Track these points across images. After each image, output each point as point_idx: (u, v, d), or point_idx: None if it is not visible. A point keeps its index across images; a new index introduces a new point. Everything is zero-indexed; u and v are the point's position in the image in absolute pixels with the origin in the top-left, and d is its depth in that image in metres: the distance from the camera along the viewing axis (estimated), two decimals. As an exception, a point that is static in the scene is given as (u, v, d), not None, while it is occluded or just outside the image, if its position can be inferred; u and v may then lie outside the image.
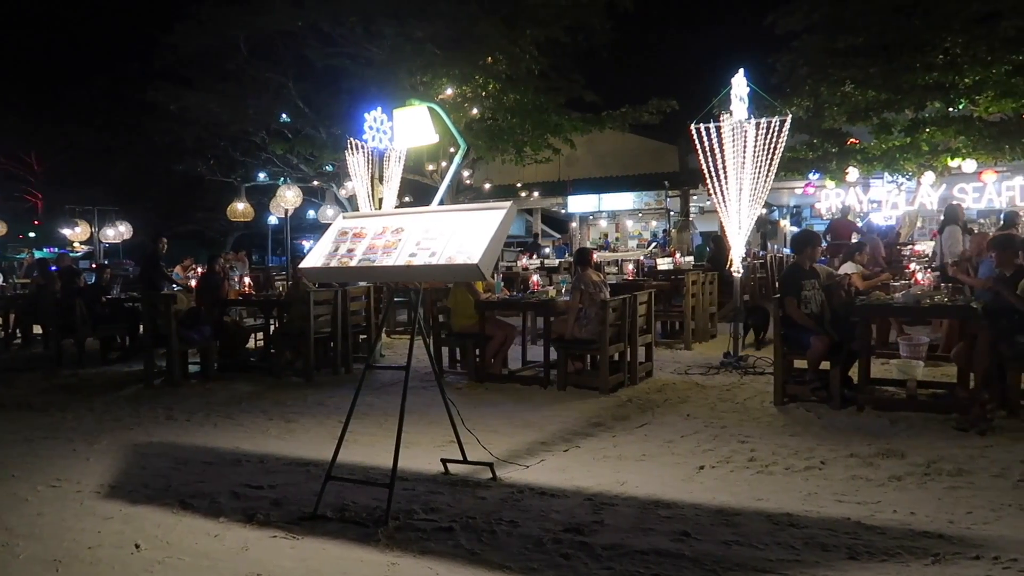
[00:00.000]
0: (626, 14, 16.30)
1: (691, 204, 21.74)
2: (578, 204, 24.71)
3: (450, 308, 8.15)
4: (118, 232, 17.72)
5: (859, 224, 14.66)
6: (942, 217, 11.28)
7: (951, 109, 14.72)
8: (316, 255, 4.31)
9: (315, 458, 5.05)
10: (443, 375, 8.08)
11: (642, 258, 14.60)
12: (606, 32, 17.27)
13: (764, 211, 22.64)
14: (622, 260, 13.11)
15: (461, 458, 4.64)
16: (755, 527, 3.67)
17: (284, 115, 17.19)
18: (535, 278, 8.58)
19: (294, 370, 8.49)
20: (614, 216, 26.38)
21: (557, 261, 16.39)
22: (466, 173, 20.09)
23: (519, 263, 15.24)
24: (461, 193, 20.09)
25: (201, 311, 8.81)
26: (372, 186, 10.53)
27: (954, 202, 12.87)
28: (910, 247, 13.20)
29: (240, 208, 15.43)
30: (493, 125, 17.59)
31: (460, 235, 3.91)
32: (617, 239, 25.96)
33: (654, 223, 26.45)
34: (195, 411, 6.82)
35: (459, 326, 8.07)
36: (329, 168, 18.08)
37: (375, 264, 4.07)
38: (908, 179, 16.29)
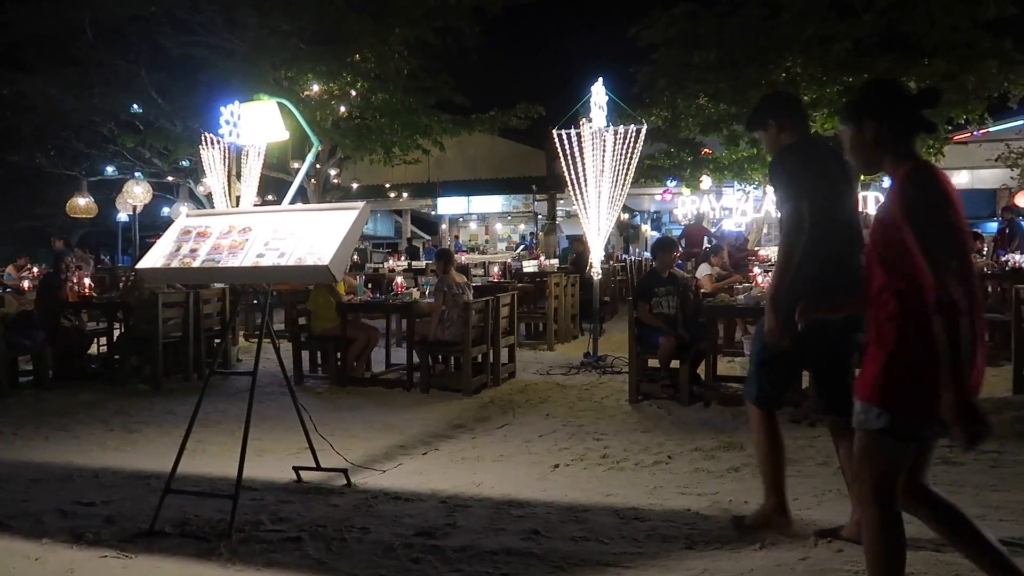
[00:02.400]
0: (495, 18, 16.49)
1: (558, 208, 22.26)
2: (448, 206, 24.75)
3: (310, 310, 7.94)
4: (-61, 228, 16.05)
5: (712, 230, 15.52)
6: None
7: (792, 124, 15.83)
8: (155, 255, 4.06)
9: (157, 470, 4.75)
10: (303, 379, 7.86)
11: (509, 260, 14.79)
12: (475, 35, 17.38)
13: (626, 216, 23.54)
14: (488, 262, 13.22)
15: (314, 465, 4.51)
16: (603, 522, 3.79)
17: (135, 105, 16.15)
18: (399, 280, 8.50)
19: (141, 377, 7.99)
20: (484, 219, 26.61)
21: (424, 263, 16.31)
22: (333, 172, 19.66)
23: (386, 265, 15.03)
24: (328, 192, 19.63)
25: (35, 314, 8.12)
26: (229, 183, 10.09)
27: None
28: (756, 252, 14.09)
29: (82, 203, 14.37)
30: (361, 124, 17.31)
31: (311, 236, 3.81)
32: (487, 241, 26.19)
33: (522, 226, 26.89)
34: (24, 423, 6.27)
35: (320, 329, 7.87)
36: (186, 163, 17.16)
37: (220, 265, 3.89)
38: (755, 188, 17.40)
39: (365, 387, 7.57)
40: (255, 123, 4.27)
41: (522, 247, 22.07)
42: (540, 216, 23.29)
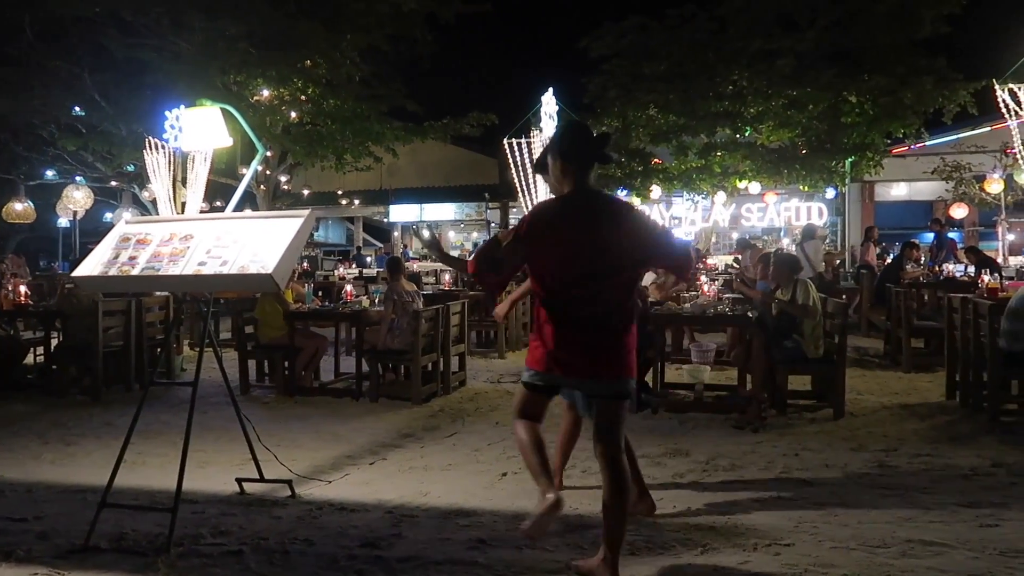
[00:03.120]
0: (448, 27, 16.49)
1: (511, 216, 22.32)
2: (400, 213, 24.60)
3: (257, 319, 7.81)
4: None
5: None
6: (799, 235, 13.32)
7: (738, 136, 16.23)
8: (92, 263, 3.96)
9: (94, 484, 4.61)
10: (249, 389, 7.73)
11: (462, 268, 14.77)
12: (428, 43, 17.36)
13: (579, 224, 23.68)
14: (440, 270, 13.19)
15: (258, 477, 4.44)
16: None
17: (77, 108, 15.70)
18: (348, 288, 8.43)
19: (80, 388, 7.74)
20: (437, 226, 26.52)
21: (376, 271, 16.20)
22: (283, 179, 19.42)
23: (336, 272, 14.89)
24: (278, 199, 19.38)
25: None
26: (174, 189, 9.88)
27: (809, 221, 16.07)
28: (704, 260, 14.36)
29: (18, 208, 13.90)
30: (312, 130, 17.15)
31: (254, 243, 3.75)
32: (440, 249, 26.06)
33: (475, 234, 26.89)
34: (-48, 437, 6.03)
35: (267, 338, 7.75)
36: (131, 168, 16.75)
37: (160, 273, 3.81)
38: (703, 198, 17.73)
39: (313, 397, 7.47)
40: (197, 129, 4.20)
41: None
42: (493, 224, 23.32)
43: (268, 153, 18.01)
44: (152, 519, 3.90)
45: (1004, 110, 8.27)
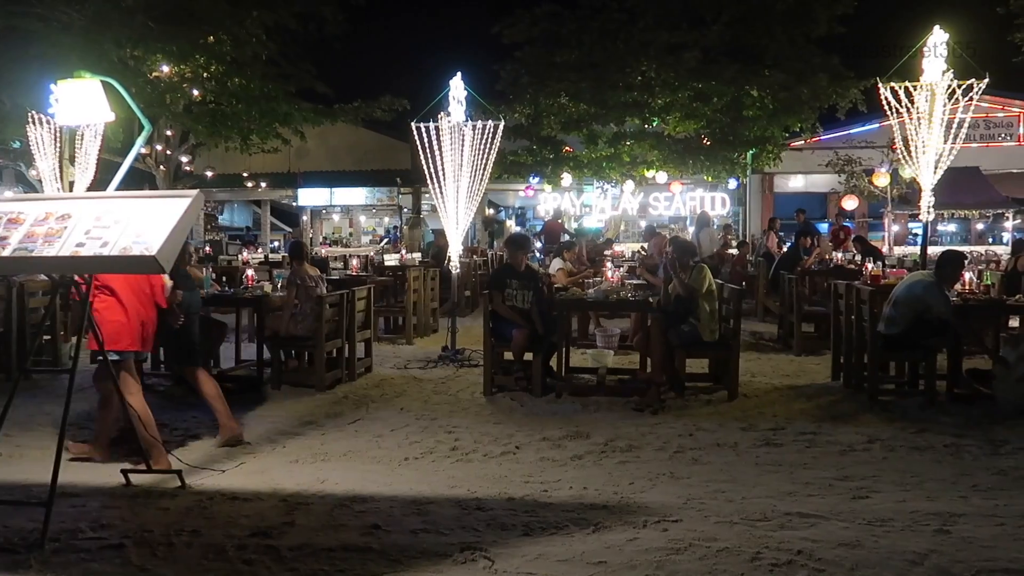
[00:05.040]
0: (359, 7, 16.18)
1: (423, 202, 22.16)
2: (309, 197, 24.04)
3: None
4: None
5: (575, 226, 16.02)
6: (692, 225, 14.47)
7: (646, 126, 16.61)
8: (-43, 244, 3.69)
9: (-36, 479, 4.35)
10: (144, 377, 7.40)
11: (372, 254, 14.58)
12: (338, 23, 16.98)
13: (492, 211, 23.78)
14: (349, 256, 12.99)
15: (145, 468, 4.27)
16: (445, 513, 3.82)
17: (-49, 80, 14.59)
18: (250, 272, 8.18)
19: (-48, 378, 7.25)
20: (347, 211, 26.07)
21: (281, 256, 15.80)
22: (185, 159, 18.67)
23: (240, 257, 14.44)
24: (180, 180, 18.62)
25: None
26: (61, 167, 9.32)
27: (702, 210, 16.52)
28: (611, 248, 14.64)
29: None
30: (216, 109, 16.54)
31: (137, 224, 3.58)
32: (351, 235, 25.69)
33: (387, 219, 26.58)
34: None
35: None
36: (16, 144, 15.72)
37: (33, 255, 3.59)
38: (613, 186, 18.07)
39: (212, 384, 7.22)
40: (76, 103, 3.96)
41: (386, 241, 21.82)
42: (405, 210, 23.10)
43: (168, 132, 17.26)
44: (26, 514, 3.69)
45: (887, 108, 8.73)
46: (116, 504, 3.97)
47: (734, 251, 14.18)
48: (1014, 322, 7.73)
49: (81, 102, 3.95)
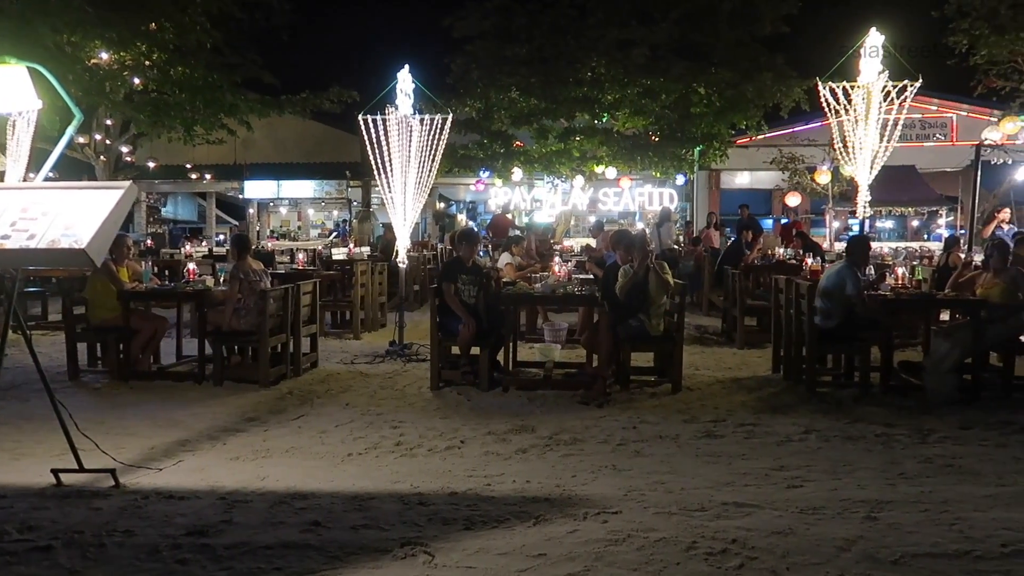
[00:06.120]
0: (306, -2, 15.92)
1: (373, 195, 21.95)
2: (256, 190, 23.60)
3: (88, 299, 7.28)
4: None
5: (525, 220, 16.07)
6: (657, 217, 14.57)
7: (596, 121, 16.73)
8: None
9: None
10: (79, 374, 7.20)
11: (320, 248, 14.40)
12: (285, 12, 16.72)
13: (442, 205, 23.68)
14: (296, 249, 12.80)
15: (77, 467, 4.15)
16: (387, 509, 3.80)
17: None
18: (191, 266, 7.99)
19: None
20: (296, 204, 25.68)
21: (226, 250, 15.49)
22: (126, 150, 18.16)
23: (183, 250, 14.13)
24: (120, 171, 18.12)
25: None
26: (-10, 156, 8.95)
27: (664, 205, 17.82)
28: (559, 243, 14.75)
29: None
30: (158, 98, 16.15)
31: (67, 216, 3.48)
32: (299, 228, 25.31)
33: (336, 213, 26.26)
34: None
35: (99, 319, 7.24)
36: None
37: (-46, 248, 3.46)
38: (563, 181, 18.17)
39: (151, 381, 7.06)
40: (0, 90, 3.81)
41: (335, 234, 21.56)
42: (355, 203, 22.85)
43: (108, 121, 16.75)
44: (-51, 517, 3.57)
45: (825, 107, 8.97)
46: (45, 505, 3.85)
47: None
48: (945, 316, 8.01)
49: (6, 89, 3.81)
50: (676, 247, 14.86)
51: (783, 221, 17.74)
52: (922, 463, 4.60)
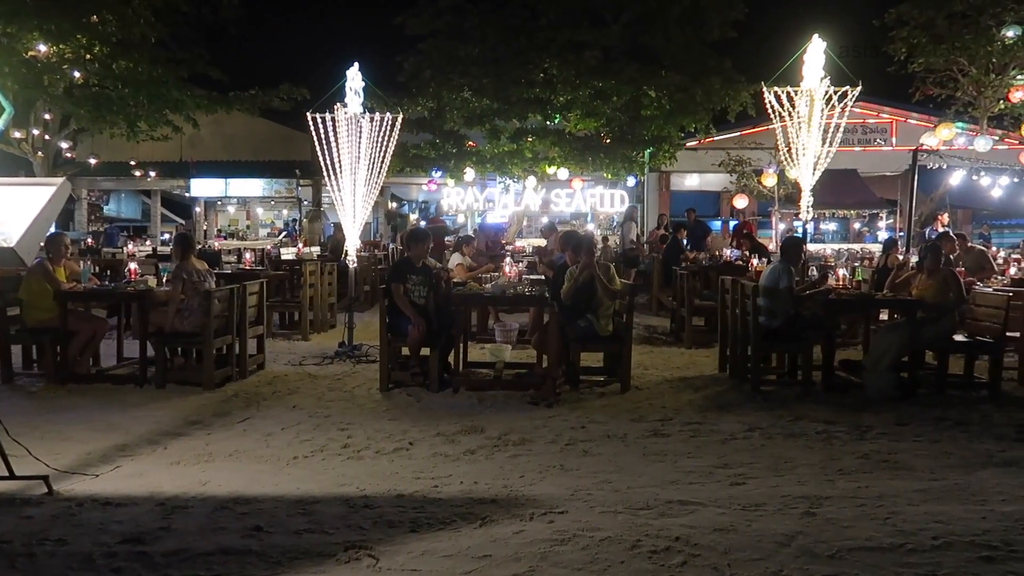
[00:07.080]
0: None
1: (324, 194, 21.67)
2: (203, 188, 23.09)
3: (23, 300, 7.03)
4: None
5: (478, 221, 16.07)
6: (623, 216, 15.82)
7: (548, 122, 16.81)
8: None
9: None
10: (13, 377, 6.95)
11: (269, 247, 14.16)
12: (234, 7, 16.43)
13: (395, 205, 23.51)
14: (243, 249, 12.57)
15: (7, 474, 4.00)
16: (332, 512, 3.76)
17: None
18: (132, 266, 7.78)
19: None
20: (244, 203, 25.22)
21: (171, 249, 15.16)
22: (65, 145, 17.62)
23: (126, 249, 13.75)
24: (60, 168, 17.58)
25: None
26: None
27: (630, 204, 19.00)
28: (512, 244, 14.77)
29: None
30: (100, 93, 15.72)
31: (-5, 215, 3.35)
32: (248, 227, 24.85)
33: (286, 212, 25.86)
34: None
35: (34, 320, 7.00)
36: None
37: None
38: (516, 182, 18.20)
39: (90, 384, 6.84)
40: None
41: (285, 234, 21.23)
42: (305, 202, 22.54)
43: (47, 116, 16.23)
44: None
45: (770, 111, 9.16)
46: (-27, 514, 3.71)
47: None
48: (884, 315, 8.25)
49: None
50: (634, 245, 15.05)
51: (732, 223, 18.10)
52: (860, 459, 4.73)
